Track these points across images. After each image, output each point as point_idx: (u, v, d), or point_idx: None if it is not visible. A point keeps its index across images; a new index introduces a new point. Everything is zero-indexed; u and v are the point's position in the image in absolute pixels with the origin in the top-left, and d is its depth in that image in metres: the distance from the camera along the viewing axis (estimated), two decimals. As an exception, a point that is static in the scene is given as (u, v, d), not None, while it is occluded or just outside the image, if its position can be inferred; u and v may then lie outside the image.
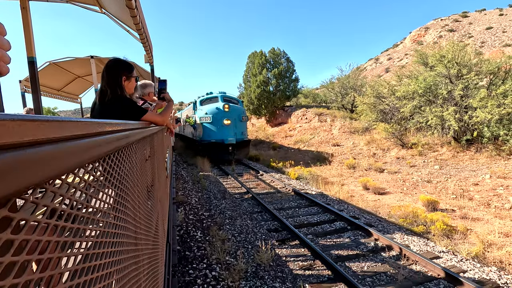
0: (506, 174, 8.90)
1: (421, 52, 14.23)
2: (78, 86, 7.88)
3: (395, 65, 69.91)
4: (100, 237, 0.60)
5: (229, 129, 13.48)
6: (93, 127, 0.55)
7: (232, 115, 13.68)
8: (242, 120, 14.26)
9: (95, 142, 0.56)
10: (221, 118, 13.39)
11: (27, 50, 3.25)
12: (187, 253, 4.89)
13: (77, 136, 0.47)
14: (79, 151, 0.47)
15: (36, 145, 0.34)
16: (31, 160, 0.32)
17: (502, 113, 9.66)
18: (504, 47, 59.23)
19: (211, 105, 13.97)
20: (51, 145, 0.37)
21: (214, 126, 13.41)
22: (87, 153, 0.51)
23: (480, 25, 77.21)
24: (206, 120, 13.41)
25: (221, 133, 13.28)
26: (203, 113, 13.69)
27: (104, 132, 0.65)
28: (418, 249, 4.88)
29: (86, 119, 0.53)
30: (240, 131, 14.00)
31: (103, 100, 1.79)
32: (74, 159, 0.44)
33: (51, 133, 0.38)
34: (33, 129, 0.34)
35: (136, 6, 2.32)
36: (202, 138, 13.60)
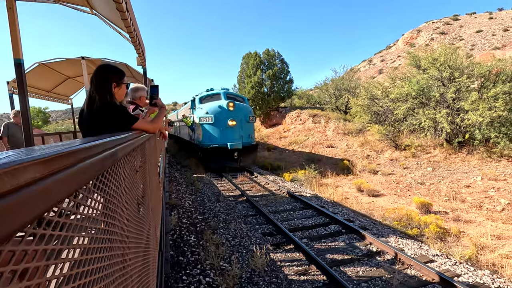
0: (497, 176, 9.02)
1: (414, 55, 14.38)
2: (69, 87, 7.72)
3: (388, 67, 70.68)
4: (85, 254, 0.59)
5: (234, 131, 11.54)
6: (72, 157, 0.49)
7: (237, 115, 11.66)
8: (249, 121, 12.23)
9: (77, 170, 0.51)
10: (225, 118, 11.39)
11: (14, 52, 3.13)
12: (181, 258, 4.81)
13: (56, 171, 0.42)
14: (58, 187, 0.43)
15: (25, 186, 0.34)
16: (26, 199, 0.33)
17: (493, 116, 9.80)
18: (493, 50, 60.41)
19: (213, 103, 11.92)
20: (37, 184, 0.37)
21: (216, 128, 11.47)
22: (64, 187, 0.46)
23: (471, 28, 78.67)
24: (206, 120, 11.51)
25: (224, 136, 11.38)
26: (203, 112, 11.73)
27: (87, 157, 0.59)
28: (412, 252, 4.88)
29: (61, 147, 0.47)
30: (246, 134, 11.98)
31: (91, 107, 1.71)
32: (59, 194, 0.43)
33: (35, 173, 0.37)
34: (22, 172, 0.34)
35: (127, 9, 2.25)
36: (202, 142, 11.72)
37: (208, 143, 11.54)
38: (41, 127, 36.15)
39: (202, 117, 11.65)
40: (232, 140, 11.33)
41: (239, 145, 11.15)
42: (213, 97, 12.74)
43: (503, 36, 67.78)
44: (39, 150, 0.42)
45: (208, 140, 11.61)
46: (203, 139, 11.77)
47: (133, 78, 7.42)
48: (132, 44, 3.35)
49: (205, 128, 11.70)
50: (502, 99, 9.90)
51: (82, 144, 0.57)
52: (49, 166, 0.39)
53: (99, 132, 1.66)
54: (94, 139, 0.76)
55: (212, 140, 11.54)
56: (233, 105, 11.54)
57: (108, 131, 1.63)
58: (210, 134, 11.62)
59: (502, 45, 63.17)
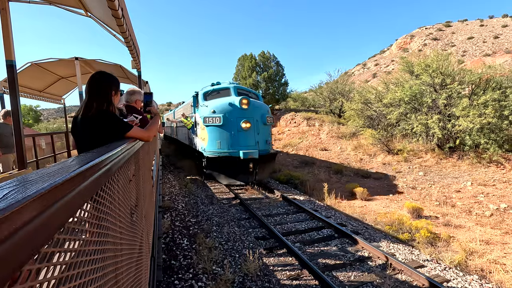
0: (486, 182, 9.20)
1: (407, 61, 14.60)
2: (61, 87, 7.62)
3: (382, 71, 71.62)
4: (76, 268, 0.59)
5: (248, 136, 9.08)
6: (68, 185, 0.50)
7: (252, 114, 9.24)
8: (267, 123, 9.68)
9: (76, 196, 0.51)
10: (237, 119, 9.02)
11: (6, 53, 3.09)
12: (173, 262, 4.78)
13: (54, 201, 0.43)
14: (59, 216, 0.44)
15: (22, 226, 0.35)
16: (23, 240, 0.34)
17: (483, 123, 10.01)
18: (484, 56, 61.69)
19: (221, 100, 9.55)
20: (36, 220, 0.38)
21: (226, 132, 9.08)
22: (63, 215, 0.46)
23: (462, 35, 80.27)
24: (213, 121, 9.14)
25: (236, 142, 9.01)
26: (208, 111, 9.32)
27: (83, 180, 0.59)
28: (403, 257, 4.94)
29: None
30: (263, 139, 9.46)
31: (86, 115, 1.70)
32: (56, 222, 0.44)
33: (32, 212, 0.38)
34: (19, 215, 0.35)
35: (123, 15, 2.24)
36: (207, 149, 9.34)
37: (214, 150, 9.18)
38: (32, 125, 35.53)
39: (208, 117, 9.24)
40: (245, 147, 8.89)
41: (255, 154, 8.62)
42: (220, 93, 10.31)
43: (493, 43, 69.35)
44: (36, 183, 0.42)
45: (215, 146, 9.21)
46: (208, 145, 9.34)
47: (128, 79, 7.37)
48: (127, 47, 3.34)
49: (211, 131, 9.26)
50: (491, 106, 10.11)
51: (78, 168, 0.57)
52: (46, 201, 0.39)
53: (93, 140, 1.64)
54: (89, 158, 0.76)
55: (220, 146, 9.16)
56: (247, 102, 9.11)
57: (102, 139, 1.62)
58: (218, 139, 9.18)
59: (492, 52, 64.62)
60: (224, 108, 9.23)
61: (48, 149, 9.28)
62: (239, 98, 9.18)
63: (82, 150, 1.77)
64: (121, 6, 2.13)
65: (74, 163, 0.64)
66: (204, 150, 9.48)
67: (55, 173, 0.52)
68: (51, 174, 0.50)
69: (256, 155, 8.68)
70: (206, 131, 9.41)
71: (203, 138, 9.58)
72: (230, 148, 9.06)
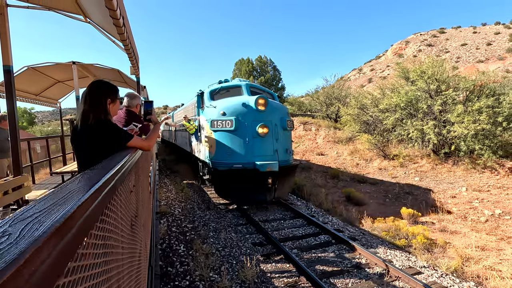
0: (481, 187, 9.30)
1: (403, 67, 14.77)
2: (58, 91, 7.56)
3: (378, 76, 72.38)
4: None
5: (265, 143, 7.52)
6: (78, 213, 0.49)
7: (271, 117, 7.70)
8: (287, 128, 8.09)
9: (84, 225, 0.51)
10: (253, 123, 7.47)
11: (3, 58, 3.06)
12: (170, 269, 4.73)
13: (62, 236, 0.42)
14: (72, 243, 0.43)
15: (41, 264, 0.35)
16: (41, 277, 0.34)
17: (477, 129, 10.14)
18: (477, 63, 62.66)
19: (232, 100, 7.97)
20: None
21: (238, 138, 7.50)
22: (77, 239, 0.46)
23: (456, 41, 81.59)
24: (223, 125, 7.57)
25: (251, 151, 7.42)
26: (216, 113, 7.75)
27: (91, 202, 0.59)
28: (400, 264, 4.95)
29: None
30: (283, 147, 7.85)
31: (85, 125, 1.69)
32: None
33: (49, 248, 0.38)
34: (36, 257, 0.34)
35: (123, 24, 2.24)
36: (215, 159, 7.73)
37: (225, 161, 7.50)
38: (26, 128, 35.16)
39: (216, 120, 7.62)
40: (262, 158, 7.33)
41: (274, 166, 7.02)
42: (230, 91, 8.77)
43: (486, 50, 70.58)
44: (49, 213, 0.42)
45: (225, 156, 7.54)
46: (216, 154, 7.71)
47: (125, 84, 7.34)
48: (126, 54, 3.33)
49: (220, 137, 7.65)
50: (485, 113, 10.26)
51: (86, 192, 0.57)
52: (59, 235, 0.39)
53: (93, 150, 1.63)
54: (95, 177, 0.76)
55: (231, 157, 7.48)
56: (264, 102, 7.48)
57: (103, 149, 1.61)
58: (229, 148, 7.54)
59: (485, 58, 65.75)
60: (237, 109, 7.58)
61: (43, 152, 9.18)
62: (254, 97, 7.51)
63: (82, 160, 1.76)
64: (123, 15, 2.13)
65: (81, 184, 0.64)
66: (211, 161, 7.77)
67: (65, 199, 0.51)
68: (61, 201, 0.50)
69: (276, 167, 7.00)
70: (213, 137, 7.74)
71: (210, 145, 7.83)
72: (244, 159, 7.36)
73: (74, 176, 6.18)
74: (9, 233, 0.35)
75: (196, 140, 9.38)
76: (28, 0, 3.28)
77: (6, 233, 0.35)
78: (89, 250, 0.58)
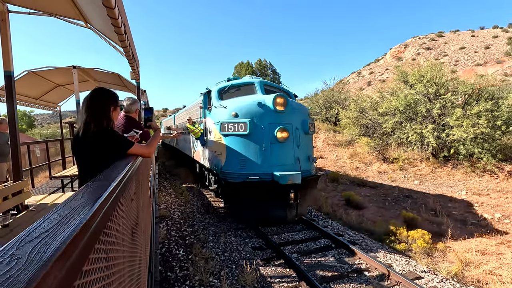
0: (480, 191, 9.30)
1: (402, 70, 14.84)
2: (57, 95, 7.58)
3: (377, 79, 72.65)
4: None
5: (285, 150, 6.41)
6: (84, 230, 0.50)
7: (291, 120, 6.59)
8: (309, 131, 6.95)
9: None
10: (270, 126, 6.38)
11: (4, 64, 3.08)
12: (169, 274, 4.71)
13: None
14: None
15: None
16: None
17: (476, 133, 10.17)
18: (476, 66, 62.96)
19: (246, 100, 6.84)
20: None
21: (254, 144, 6.38)
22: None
23: (454, 45, 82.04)
24: (235, 129, 6.49)
25: (269, 160, 6.28)
26: (227, 114, 6.67)
27: (96, 215, 0.59)
28: (400, 268, 4.94)
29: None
30: (305, 155, 6.70)
31: (86, 133, 1.69)
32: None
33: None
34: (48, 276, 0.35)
35: (125, 31, 2.25)
36: (226, 169, 6.60)
37: (237, 171, 6.37)
38: (25, 131, 35.13)
39: (227, 123, 6.56)
40: (282, 167, 6.20)
41: (296, 178, 5.87)
42: (241, 89, 7.64)
43: (484, 53, 70.95)
44: (56, 234, 0.43)
45: (238, 166, 6.40)
46: (227, 163, 6.58)
47: (125, 88, 7.36)
48: (127, 59, 3.35)
49: (232, 143, 6.53)
50: (484, 117, 10.29)
51: (90, 208, 0.57)
52: (66, 257, 0.40)
53: (94, 158, 1.64)
54: (98, 189, 0.76)
55: (245, 166, 6.35)
56: (283, 102, 6.38)
57: (104, 157, 1.62)
58: (242, 156, 6.42)
59: (484, 62, 66.07)
60: (251, 110, 6.46)
61: (42, 155, 9.17)
62: (271, 96, 6.43)
63: (83, 167, 1.76)
64: (124, 23, 2.15)
65: (85, 199, 0.64)
66: (220, 170, 6.62)
67: (69, 218, 0.52)
68: (66, 220, 0.50)
69: (298, 179, 5.85)
70: (223, 142, 6.64)
71: (219, 152, 6.79)
72: (260, 169, 6.22)
73: (73, 180, 6.12)
74: (17, 257, 0.35)
75: (202, 146, 8.30)
76: (29, 6, 3.30)
77: (15, 257, 0.35)
78: (92, 266, 0.58)
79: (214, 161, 7.15)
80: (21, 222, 3.03)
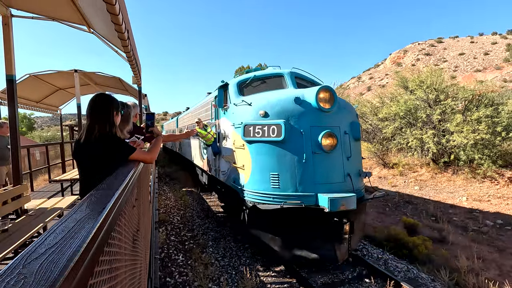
0: (481, 197, 9.28)
1: (402, 76, 14.90)
2: (58, 98, 7.59)
3: (376, 84, 72.95)
4: None
5: (333, 162, 4.64)
6: (89, 245, 0.49)
7: (339, 121, 4.87)
8: (360, 137, 5.27)
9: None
10: (312, 130, 4.60)
11: (6, 68, 3.08)
12: (168, 279, 4.68)
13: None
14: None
15: None
16: None
17: (477, 138, 10.17)
18: (475, 72, 63.30)
19: (276, 94, 5.19)
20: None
21: (290, 154, 4.56)
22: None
23: (454, 51, 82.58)
24: (264, 133, 4.72)
25: (311, 177, 4.49)
26: (252, 113, 5.02)
27: (101, 229, 0.58)
28: (402, 275, 4.90)
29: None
30: (355, 169, 4.93)
31: (89, 139, 1.69)
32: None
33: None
34: None
35: (128, 37, 2.26)
36: (252, 188, 4.86)
37: (267, 192, 4.67)
38: (25, 133, 35.13)
39: (252, 125, 4.84)
40: (329, 187, 4.52)
41: (351, 203, 4.23)
42: (267, 82, 6.05)
43: (483, 60, 71.41)
44: (63, 255, 0.42)
45: (267, 183, 4.68)
46: (252, 179, 4.86)
47: (126, 92, 7.38)
48: (129, 64, 3.36)
49: (260, 151, 4.80)
50: (484, 123, 10.31)
51: (96, 220, 0.57)
52: (73, 274, 0.39)
53: (96, 164, 1.63)
54: (101, 199, 0.76)
55: (278, 185, 4.60)
56: (330, 97, 4.71)
57: (106, 163, 1.61)
58: (274, 169, 4.67)
59: (483, 67, 66.46)
60: (286, 107, 4.72)
61: (42, 158, 9.15)
62: (313, 89, 4.71)
63: (85, 173, 1.75)
64: (127, 28, 2.15)
65: (89, 211, 0.63)
66: (243, 189, 4.98)
67: (74, 232, 0.51)
68: (71, 234, 0.49)
69: (353, 204, 4.21)
70: (247, 151, 4.91)
71: (241, 165, 5.11)
72: (299, 188, 4.47)
73: (73, 184, 6.10)
74: (24, 276, 0.34)
75: (215, 155, 6.59)
76: (32, 11, 3.32)
77: (21, 276, 0.34)
78: (97, 279, 0.58)
79: (232, 175, 5.53)
80: (20, 227, 3.01)
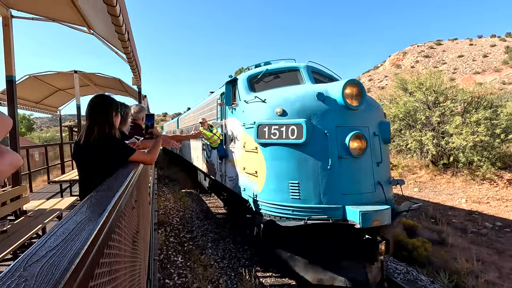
0: (480, 199, 9.28)
1: (401, 78, 14.94)
2: (58, 99, 7.58)
3: (376, 86, 73.14)
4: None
5: (361, 169, 3.91)
6: (90, 247, 0.49)
7: (367, 121, 4.15)
8: (388, 139, 4.44)
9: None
10: (337, 130, 3.86)
11: (6, 68, 3.08)
12: (167, 281, 4.66)
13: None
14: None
15: None
16: None
17: (476, 141, 10.19)
18: (474, 74, 63.51)
19: (294, 90, 4.40)
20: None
21: (314, 160, 3.81)
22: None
23: (453, 53, 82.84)
24: (281, 134, 3.97)
25: (336, 186, 3.76)
26: (266, 111, 4.26)
27: (101, 231, 0.58)
28: (402, 277, 4.90)
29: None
30: (385, 176, 4.20)
31: (88, 140, 1.68)
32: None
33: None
34: None
35: (128, 38, 2.26)
36: (265, 198, 4.16)
37: (285, 203, 3.96)
38: (25, 134, 35.09)
39: (267, 124, 4.12)
40: (358, 198, 3.81)
41: (385, 217, 3.55)
42: (281, 77, 5.26)
43: (482, 62, 71.66)
44: (64, 257, 0.42)
45: (285, 193, 3.97)
46: (267, 188, 4.17)
47: (126, 93, 7.38)
48: (129, 65, 3.36)
49: (277, 156, 4.08)
50: (483, 125, 10.33)
51: (96, 222, 0.56)
52: (74, 276, 0.39)
53: (96, 165, 1.63)
54: (102, 202, 0.75)
55: (299, 195, 3.87)
56: (358, 92, 4.00)
57: (105, 164, 1.61)
58: (295, 177, 3.93)
59: (482, 70, 66.70)
60: (308, 105, 4.04)
61: (41, 159, 9.13)
62: (339, 84, 4.04)
63: (84, 175, 1.75)
64: (128, 30, 2.16)
65: (89, 213, 0.63)
66: (256, 199, 4.33)
67: (75, 234, 0.51)
68: (72, 236, 0.49)
69: (388, 219, 3.62)
70: (261, 156, 4.24)
71: (253, 171, 4.45)
72: (324, 200, 3.80)
73: (72, 185, 6.09)
74: (25, 278, 0.34)
75: (221, 159, 6.03)
76: (32, 12, 3.32)
77: (22, 279, 0.34)
78: (97, 281, 0.57)
79: (241, 183, 4.93)
80: (19, 228, 3.00)
